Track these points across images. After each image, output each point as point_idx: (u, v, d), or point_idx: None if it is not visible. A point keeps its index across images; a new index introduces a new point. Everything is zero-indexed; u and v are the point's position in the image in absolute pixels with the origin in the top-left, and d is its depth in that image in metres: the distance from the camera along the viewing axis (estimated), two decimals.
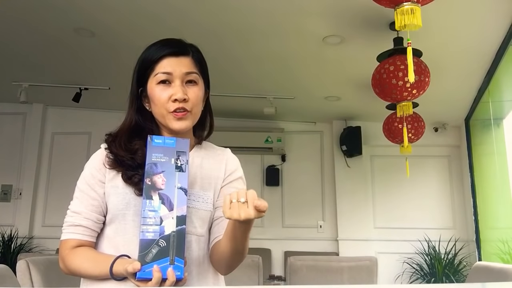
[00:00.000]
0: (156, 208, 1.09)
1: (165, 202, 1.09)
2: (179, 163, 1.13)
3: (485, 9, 3.09)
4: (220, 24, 3.46)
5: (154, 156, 1.12)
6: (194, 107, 1.25)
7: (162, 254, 1.06)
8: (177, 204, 1.10)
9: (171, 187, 1.11)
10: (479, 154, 5.09)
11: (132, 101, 1.30)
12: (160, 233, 1.07)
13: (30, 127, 5.70)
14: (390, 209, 5.50)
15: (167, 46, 1.26)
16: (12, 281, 1.64)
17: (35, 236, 5.42)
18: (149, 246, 1.06)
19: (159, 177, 1.11)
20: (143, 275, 1.04)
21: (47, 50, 4.10)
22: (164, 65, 1.23)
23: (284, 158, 5.76)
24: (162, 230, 1.07)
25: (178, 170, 1.12)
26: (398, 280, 5.20)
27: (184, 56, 1.26)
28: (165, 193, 1.10)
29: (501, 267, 1.84)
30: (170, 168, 1.12)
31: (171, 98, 1.22)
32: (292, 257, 2.79)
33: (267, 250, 5.41)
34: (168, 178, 1.11)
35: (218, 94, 4.57)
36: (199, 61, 1.29)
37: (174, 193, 1.10)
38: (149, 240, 1.06)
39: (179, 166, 1.12)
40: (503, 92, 4.20)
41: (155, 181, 1.11)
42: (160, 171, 1.11)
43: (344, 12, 3.19)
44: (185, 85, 1.24)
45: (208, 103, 1.38)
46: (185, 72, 1.24)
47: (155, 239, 1.06)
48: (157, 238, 1.07)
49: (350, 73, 4.25)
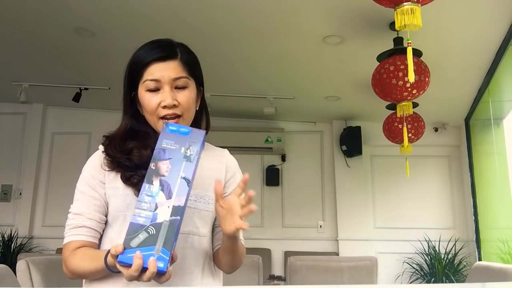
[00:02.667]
0: (153, 194, 1.04)
1: (165, 190, 1.05)
2: (189, 153, 1.08)
3: (485, 9, 3.09)
4: (219, 24, 3.46)
5: (164, 142, 1.09)
6: (185, 111, 1.23)
7: (149, 241, 1.00)
8: (177, 193, 1.05)
9: (175, 175, 1.06)
10: (479, 154, 5.09)
11: (125, 106, 1.29)
12: (152, 220, 1.01)
13: (30, 127, 5.70)
14: (390, 209, 5.51)
15: (155, 50, 1.23)
16: (12, 281, 1.64)
17: (35, 236, 5.42)
18: (138, 231, 1.00)
19: (164, 163, 1.07)
20: (123, 259, 0.98)
21: (47, 50, 4.10)
22: (152, 71, 1.21)
23: (284, 158, 5.76)
24: (154, 217, 1.02)
25: (186, 160, 1.08)
26: (398, 280, 5.20)
27: (172, 59, 1.23)
28: (167, 180, 1.06)
29: (501, 267, 1.84)
30: (178, 156, 1.08)
31: (161, 104, 1.21)
32: (292, 257, 2.79)
33: (267, 250, 5.41)
34: (174, 166, 1.07)
35: (218, 94, 4.57)
36: (188, 62, 1.26)
37: (176, 182, 1.05)
38: (139, 225, 1.01)
39: (188, 156, 1.08)
40: (503, 92, 4.20)
41: (160, 167, 1.07)
42: (167, 158, 1.07)
43: (344, 12, 3.19)
44: (174, 90, 1.22)
45: (204, 102, 1.36)
46: (173, 77, 1.22)
47: (145, 225, 1.01)
48: (148, 224, 1.01)
49: (350, 73, 4.25)
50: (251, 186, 1.13)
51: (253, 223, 1.39)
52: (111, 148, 1.26)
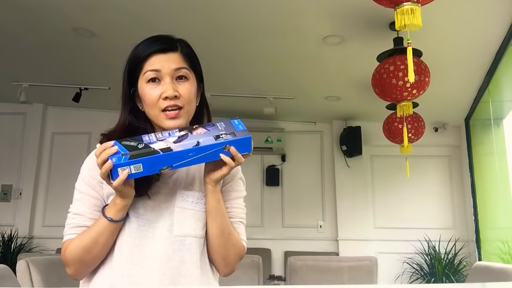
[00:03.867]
0: (172, 134, 1.14)
1: (182, 138, 1.12)
2: (222, 136, 1.13)
3: (485, 9, 3.09)
4: (219, 24, 3.46)
5: (220, 123, 1.18)
6: (186, 103, 1.22)
7: (130, 149, 1.09)
8: (182, 145, 1.10)
9: (196, 138, 1.12)
10: (479, 154, 5.09)
11: (124, 102, 1.27)
12: (149, 142, 1.11)
13: (30, 127, 5.70)
14: (390, 209, 5.50)
15: (155, 43, 1.23)
16: (12, 281, 1.64)
17: (35, 236, 5.42)
18: (134, 140, 1.11)
19: (203, 130, 1.15)
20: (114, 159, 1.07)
21: (47, 50, 4.10)
22: (152, 62, 1.21)
23: (284, 158, 5.76)
24: (152, 142, 1.11)
25: (215, 138, 1.13)
26: (398, 280, 5.20)
27: (173, 51, 1.23)
28: (189, 136, 1.12)
29: (501, 267, 1.84)
30: (214, 133, 1.14)
31: (162, 96, 1.20)
32: (292, 257, 2.79)
33: (267, 250, 5.41)
34: (203, 135, 1.13)
35: (218, 94, 4.57)
36: (189, 55, 1.26)
37: (191, 141, 1.11)
38: (140, 138, 1.12)
39: (219, 136, 1.13)
40: (503, 92, 4.20)
41: (197, 128, 1.15)
42: (208, 128, 1.15)
43: (344, 12, 3.19)
44: (175, 82, 1.22)
45: (204, 99, 1.34)
46: (174, 68, 1.21)
47: (142, 141, 1.11)
48: (144, 143, 1.10)
49: (350, 73, 4.25)
50: (251, 186, 1.14)
51: (253, 223, 1.38)
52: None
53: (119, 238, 1.21)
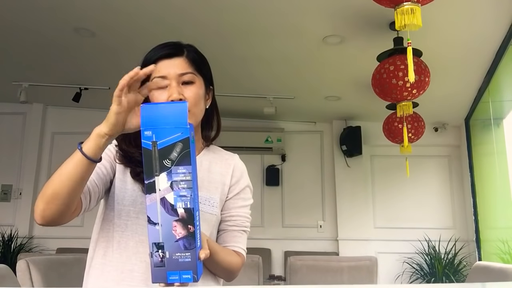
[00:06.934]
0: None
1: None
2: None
3: (485, 9, 3.09)
4: (219, 24, 3.46)
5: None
6: (192, 106, 1.23)
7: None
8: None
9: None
10: (479, 154, 5.09)
11: None
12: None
13: (30, 127, 5.70)
14: (390, 209, 5.51)
15: (162, 49, 1.26)
16: (12, 281, 1.64)
17: (35, 236, 5.41)
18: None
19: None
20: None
21: (47, 50, 4.10)
22: (159, 68, 1.23)
23: (284, 158, 5.76)
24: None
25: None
26: (398, 280, 5.20)
27: (178, 57, 1.25)
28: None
29: (501, 267, 1.84)
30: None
31: (168, 99, 1.21)
32: (292, 257, 2.79)
33: (267, 250, 5.41)
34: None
35: (218, 94, 4.53)
36: (194, 60, 1.28)
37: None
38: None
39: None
40: (503, 92, 4.20)
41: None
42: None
43: (344, 12, 3.19)
44: (181, 86, 1.24)
45: (214, 102, 1.37)
46: (179, 73, 1.24)
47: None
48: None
49: (350, 73, 4.25)
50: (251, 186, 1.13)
51: (253, 223, 1.39)
52: (125, 143, 1.26)
53: (118, 231, 1.23)
